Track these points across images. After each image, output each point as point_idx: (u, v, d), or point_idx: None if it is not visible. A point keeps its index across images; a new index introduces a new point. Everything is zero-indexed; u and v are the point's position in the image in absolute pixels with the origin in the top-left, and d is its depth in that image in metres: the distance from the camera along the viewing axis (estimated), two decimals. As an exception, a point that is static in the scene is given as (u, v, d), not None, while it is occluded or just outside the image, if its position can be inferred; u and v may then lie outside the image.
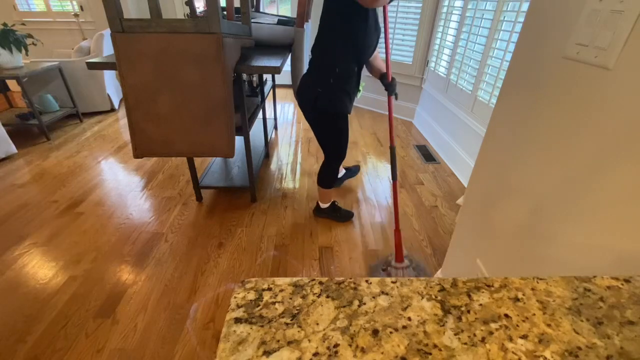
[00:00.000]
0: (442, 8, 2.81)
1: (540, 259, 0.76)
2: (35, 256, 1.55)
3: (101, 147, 2.69)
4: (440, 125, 2.79)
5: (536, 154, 0.77)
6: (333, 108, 1.44)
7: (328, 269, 1.53)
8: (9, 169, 2.32)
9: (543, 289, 0.35)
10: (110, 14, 1.19)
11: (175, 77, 1.32)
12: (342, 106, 1.46)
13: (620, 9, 0.55)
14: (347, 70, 1.40)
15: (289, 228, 1.79)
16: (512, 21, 1.82)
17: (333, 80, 1.39)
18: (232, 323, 0.30)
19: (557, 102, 0.71)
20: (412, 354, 0.28)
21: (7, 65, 2.67)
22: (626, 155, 0.55)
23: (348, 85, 1.43)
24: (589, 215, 0.63)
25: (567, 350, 0.29)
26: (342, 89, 1.42)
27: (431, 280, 0.36)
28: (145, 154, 1.47)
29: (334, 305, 0.32)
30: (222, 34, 1.25)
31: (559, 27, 0.70)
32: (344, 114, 1.49)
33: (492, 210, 0.95)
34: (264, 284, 0.34)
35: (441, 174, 2.40)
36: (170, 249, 1.62)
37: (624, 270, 0.56)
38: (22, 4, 4.22)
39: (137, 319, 1.26)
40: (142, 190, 2.11)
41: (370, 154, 2.69)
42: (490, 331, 0.30)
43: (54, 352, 1.14)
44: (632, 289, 0.36)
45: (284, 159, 2.59)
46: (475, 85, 2.21)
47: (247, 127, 1.72)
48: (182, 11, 4.20)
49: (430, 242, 1.72)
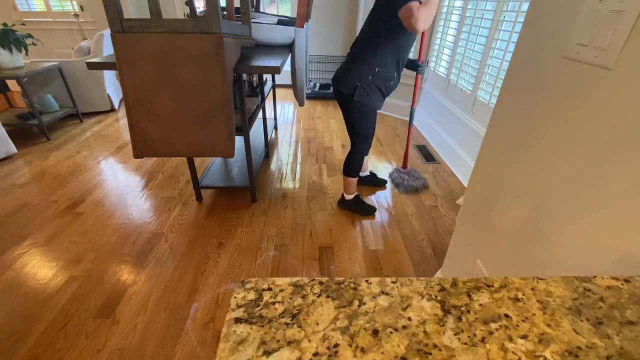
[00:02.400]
0: (442, 8, 2.81)
1: (540, 259, 0.76)
2: (35, 256, 1.55)
3: (101, 147, 2.69)
4: (440, 125, 2.79)
5: (536, 154, 0.77)
6: (367, 101, 1.58)
7: (328, 269, 1.53)
8: (9, 169, 2.32)
9: (543, 289, 0.35)
10: (110, 14, 1.19)
11: (175, 77, 1.32)
12: (376, 101, 1.61)
13: (620, 9, 0.55)
14: (386, 72, 1.55)
15: (289, 228, 1.79)
16: (512, 21, 1.82)
17: (372, 77, 1.53)
18: (232, 323, 0.30)
19: (557, 102, 0.71)
20: (412, 354, 0.28)
21: (7, 65, 2.67)
22: (626, 155, 0.55)
23: (384, 86, 1.58)
24: (589, 215, 0.63)
25: (567, 350, 0.29)
26: (378, 87, 1.57)
27: (431, 280, 0.36)
28: (145, 154, 1.47)
29: (334, 305, 0.32)
30: (222, 34, 1.25)
31: (559, 27, 0.70)
32: (375, 109, 1.64)
33: (492, 210, 0.95)
34: (264, 284, 0.34)
35: (441, 174, 2.40)
36: (170, 249, 1.62)
37: (624, 270, 0.56)
38: (22, 4, 4.22)
39: (137, 319, 1.26)
40: (142, 190, 2.11)
41: (370, 153, 2.69)
42: (490, 331, 0.30)
43: (54, 352, 1.14)
44: (632, 289, 0.36)
45: (284, 159, 2.59)
46: (475, 85, 2.21)
47: (247, 127, 1.72)
48: (182, 11, 4.20)
49: (430, 242, 1.72)
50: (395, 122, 3.42)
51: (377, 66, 1.51)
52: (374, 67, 1.51)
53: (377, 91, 1.58)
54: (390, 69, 1.54)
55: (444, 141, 2.68)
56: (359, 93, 1.54)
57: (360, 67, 1.53)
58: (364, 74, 1.52)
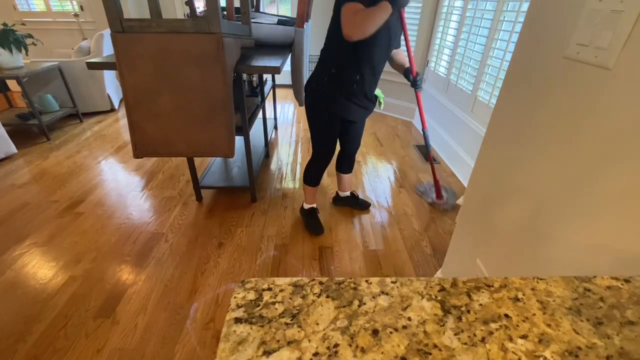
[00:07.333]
0: (442, 8, 2.82)
1: (540, 259, 0.76)
2: (35, 256, 1.55)
3: (101, 147, 2.69)
4: (440, 125, 2.79)
5: (536, 153, 0.77)
6: (320, 104, 1.45)
7: (328, 269, 1.53)
8: (9, 169, 2.32)
9: (543, 289, 0.35)
10: (110, 14, 1.19)
11: (175, 77, 1.32)
12: (337, 107, 1.44)
13: (620, 9, 0.55)
14: (345, 75, 1.37)
15: (289, 228, 1.79)
16: (512, 21, 1.82)
17: (328, 79, 1.40)
18: (232, 323, 0.30)
19: (557, 102, 0.71)
20: (412, 354, 0.28)
21: (7, 65, 2.67)
22: (626, 155, 0.55)
23: (347, 90, 1.40)
24: (588, 215, 0.63)
25: (567, 350, 0.29)
26: (338, 90, 1.40)
27: (431, 280, 0.36)
28: (145, 154, 1.47)
29: (334, 305, 0.32)
30: (222, 34, 1.25)
31: (559, 27, 0.70)
32: (335, 115, 1.47)
33: (492, 210, 0.95)
34: (264, 284, 0.34)
35: (441, 174, 2.40)
36: (170, 249, 1.62)
37: (624, 270, 0.56)
38: (22, 4, 4.22)
39: (137, 319, 1.26)
40: (142, 190, 2.11)
41: (370, 154, 2.69)
42: (490, 331, 0.30)
43: (54, 352, 1.14)
44: (632, 289, 0.36)
45: (284, 159, 2.59)
46: (475, 85, 2.21)
47: (247, 127, 1.72)
48: (182, 11, 4.20)
49: (430, 242, 1.72)
50: (395, 122, 3.42)
51: (333, 68, 1.37)
52: (330, 68, 1.38)
53: (340, 96, 1.41)
54: (351, 71, 1.36)
55: (444, 141, 2.68)
56: (311, 95, 1.45)
57: (319, 68, 1.43)
58: (319, 76, 1.42)
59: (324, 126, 1.52)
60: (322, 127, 1.53)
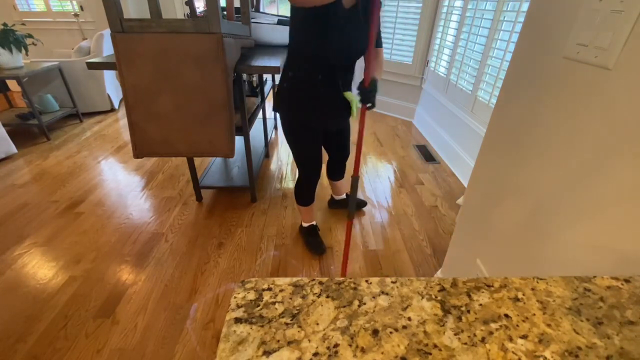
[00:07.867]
0: (442, 8, 2.81)
1: (540, 259, 0.76)
2: (35, 256, 1.55)
3: (101, 147, 2.69)
4: (440, 125, 2.79)
5: (536, 154, 0.77)
6: (285, 111, 1.30)
7: (328, 269, 1.53)
8: (9, 169, 2.32)
9: (543, 289, 0.35)
10: (110, 14, 1.20)
11: (175, 77, 1.32)
12: (304, 116, 1.28)
13: (620, 9, 0.55)
14: (304, 76, 1.21)
15: (289, 228, 1.79)
16: (512, 21, 1.82)
17: (287, 84, 1.25)
18: (232, 323, 0.30)
19: (557, 102, 0.71)
20: (412, 354, 0.28)
21: (7, 65, 2.67)
22: (626, 154, 0.55)
23: (310, 94, 1.23)
24: (588, 215, 0.63)
25: (567, 350, 0.29)
26: (301, 96, 1.25)
27: (431, 280, 0.36)
28: (145, 154, 1.47)
29: (334, 305, 0.32)
30: (222, 34, 1.25)
31: (559, 27, 0.70)
32: (307, 127, 1.31)
33: (492, 210, 0.95)
34: (264, 284, 0.34)
35: (441, 174, 2.40)
36: (170, 249, 1.62)
37: (624, 270, 0.56)
38: (22, 4, 4.22)
39: (137, 319, 1.26)
40: (142, 190, 2.11)
41: (370, 153, 2.69)
42: (490, 331, 0.30)
43: (54, 352, 1.14)
44: (632, 289, 0.36)
45: (284, 159, 2.59)
46: (475, 85, 2.21)
47: (247, 127, 1.72)
48: (182, 11, 4.20)
49: (430, 242, 1.72)
50: (395, 122, 3.42)
51: (290, 70, 1.23)
52: (288, 71, 1.24)
53: (307, 102, 1.25)
54: (308, 72, 1.19)
55: (444, 141, 2.68)
56: (280, 106, 1.30)
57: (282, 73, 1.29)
58: (280, 83, 1.29)
59: (301, 141, 1.35)
60: (299, 142, 1.36)
